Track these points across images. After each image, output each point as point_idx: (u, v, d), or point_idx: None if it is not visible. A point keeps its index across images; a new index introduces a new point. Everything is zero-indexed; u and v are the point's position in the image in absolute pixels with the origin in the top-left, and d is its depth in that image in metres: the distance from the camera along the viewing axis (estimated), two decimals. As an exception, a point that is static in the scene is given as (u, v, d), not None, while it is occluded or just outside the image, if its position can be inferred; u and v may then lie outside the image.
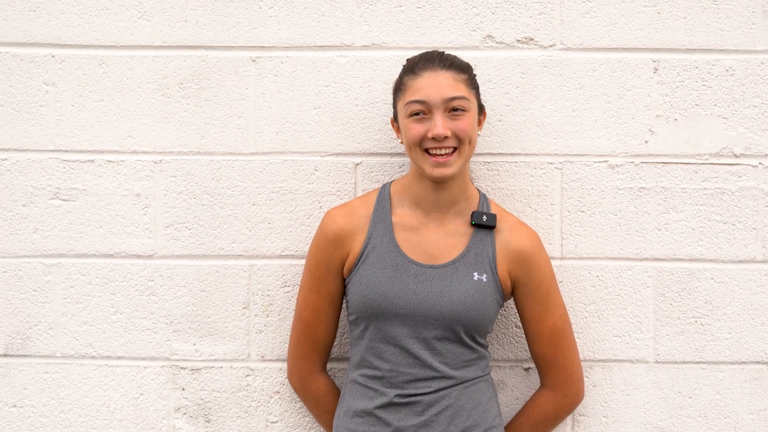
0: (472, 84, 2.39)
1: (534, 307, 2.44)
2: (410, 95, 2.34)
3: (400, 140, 2.42)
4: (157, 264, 2.65)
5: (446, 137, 2.31)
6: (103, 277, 2.65)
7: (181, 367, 2.66)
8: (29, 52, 2.64)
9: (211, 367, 2.66)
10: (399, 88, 2.39)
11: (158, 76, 2.63)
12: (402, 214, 2.43)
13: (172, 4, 2.63)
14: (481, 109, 2.43)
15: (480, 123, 2.43)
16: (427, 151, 2.33)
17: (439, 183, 2.38)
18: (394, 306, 2.35)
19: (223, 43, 2.63)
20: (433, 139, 2.31)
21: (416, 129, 2.33)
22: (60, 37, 2.63)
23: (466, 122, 2.33)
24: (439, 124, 2.30)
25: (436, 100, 2.32)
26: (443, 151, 2.32)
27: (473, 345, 2.39)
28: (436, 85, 2.32)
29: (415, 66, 2.38)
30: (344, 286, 2.45)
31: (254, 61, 2.63)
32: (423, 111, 2.33)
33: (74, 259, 2.65)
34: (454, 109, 2.32)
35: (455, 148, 2.33)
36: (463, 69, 2.38)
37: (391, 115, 2.51)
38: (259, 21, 2.62)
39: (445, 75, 2.34)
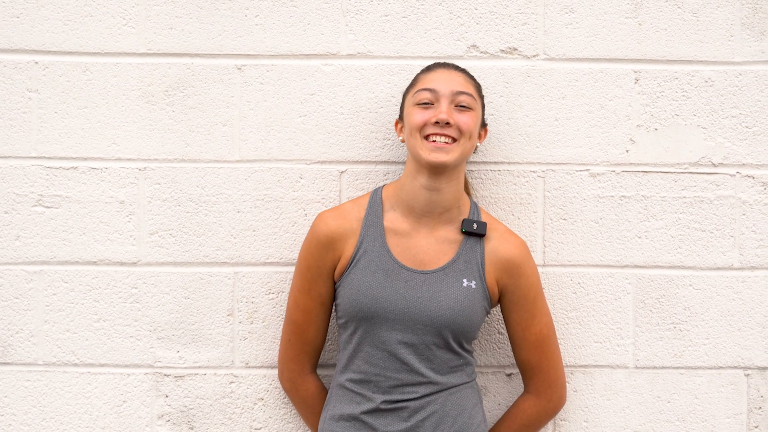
0: (480, 94, 2.46)
1: (521, 314, 2.47)
2: (420, 85, 2.41)
3: (401, 138, 2.45)
4: (141, 271, 2.64)
5: (449, 124, 2.35)
6: (87, 284, 2.64)
7: (165, 375, 2.65)
8: (12, 59, 2.61)
9: (195, 374, 2.65)
10: (411, 85, 2.46)
11: (143, 84, 2.62)
12: (393, 219, 2.45)
13: (157, 12, 2.62)
14: (484, 125, 2.48)
15: (480, 137, 2.46)
16: (427, 138, 2.36)
17: (433, 179, 2.38)
18: (384, 310, 2.37)
19: (209, 51, 2.62)
20: (436, 123, 2.35)
21: (421, 113, 2.37)
22: (44, 43, 2.61)
23: (469, 117, 2.38)
24: (444, 110, 2.35)
25: (445, 90, 2.38)
26: (443, 139, 2.35)
27: (460, 351, 2.41)
28: (447, 79, 2.40)
29: (430, 66, 2.47)
30: (335, 289, 2.46)
31: (240, 69, 2.63)
32: (431, 100, 2.38)
33: (57, 267, 2.63)
34: (461, 106, 2.38)
35: (455, 140, 2.36)
36: (474, 80, 2.47)
37: (397, 117, 2.55)
38: (244, 29, 2.62)
39: (457, 74, 2.43)
